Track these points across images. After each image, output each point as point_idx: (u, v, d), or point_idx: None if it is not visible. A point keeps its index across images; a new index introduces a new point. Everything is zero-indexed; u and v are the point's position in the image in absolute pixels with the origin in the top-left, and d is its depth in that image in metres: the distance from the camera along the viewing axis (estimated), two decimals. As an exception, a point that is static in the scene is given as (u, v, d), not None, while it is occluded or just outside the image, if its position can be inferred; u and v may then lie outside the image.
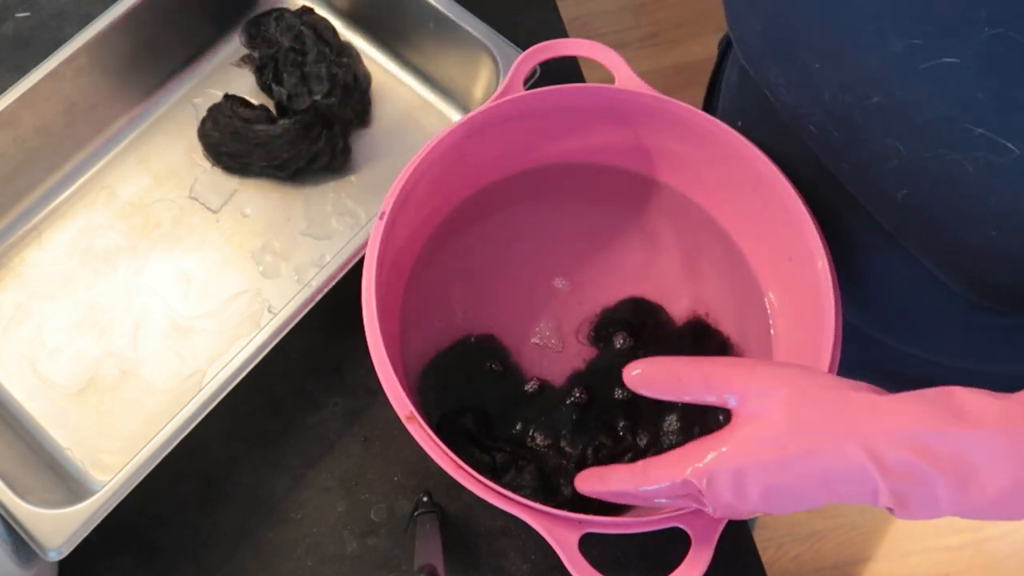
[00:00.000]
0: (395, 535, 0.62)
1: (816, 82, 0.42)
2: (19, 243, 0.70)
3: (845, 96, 0.41)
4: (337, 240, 0.71)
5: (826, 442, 0.36)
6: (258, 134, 0.69)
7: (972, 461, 0.34)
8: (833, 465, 0.36)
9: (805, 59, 0.42)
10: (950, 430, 0.34)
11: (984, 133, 0.36)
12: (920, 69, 0.37)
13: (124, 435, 0.64)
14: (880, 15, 0.38)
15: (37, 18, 0.78)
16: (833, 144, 0.44)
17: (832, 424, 0.36)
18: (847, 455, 0.35)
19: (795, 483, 0.37)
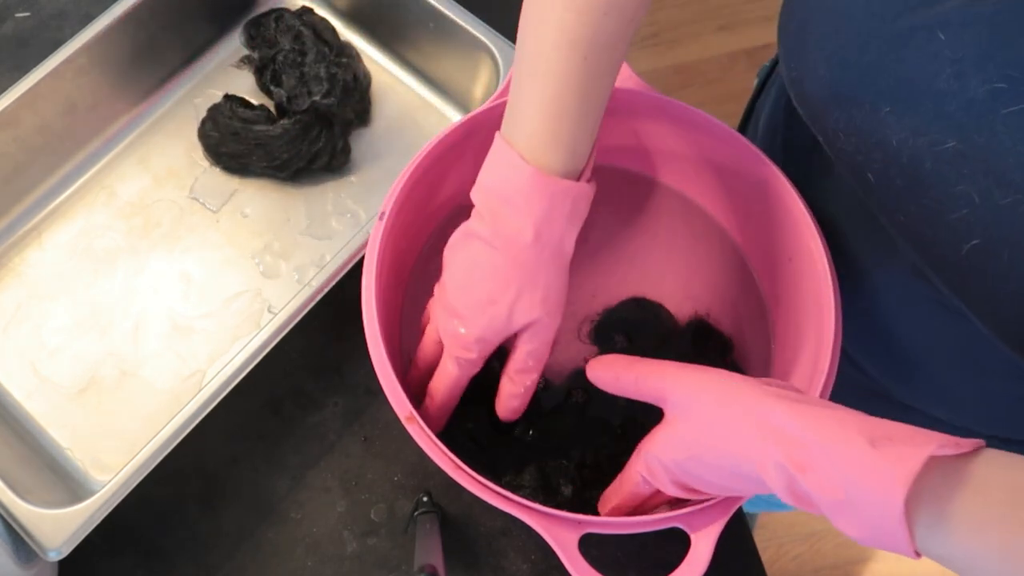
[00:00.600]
0: (395, 535, 0.62)
1: (884, 127, 0.41)
2: (19, 243, 0.70)
3: (917, 141, 0.39)
4: (337, 240, 0.71)
5: (727, 445, 0.42)
6: (258, 134, 0.69)
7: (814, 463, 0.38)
8: (731, 464, 0.42)
9: (874, 103, 0.41)
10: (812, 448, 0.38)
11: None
12: (1003, 114, 0.36)
13: (124, 435, 0.64)
14: (962, 59, 0.37)
15: (37, 18, 0.78)
16: (895, 193, 0.42)
17: (732, 429, 0.42)
18: (740, 456, 0.41)
19: (710, 475, 0.43)
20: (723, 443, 0.42)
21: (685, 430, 0.44)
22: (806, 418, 0.39)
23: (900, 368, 0.56)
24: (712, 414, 0.43)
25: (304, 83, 0.71)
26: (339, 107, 0.71)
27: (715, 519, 0.46)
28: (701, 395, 0.44)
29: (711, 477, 0.43)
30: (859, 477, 0.36)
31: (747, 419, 0.41)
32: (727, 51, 1.68)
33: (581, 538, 0.46)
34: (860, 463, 0.36)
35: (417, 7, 0.71)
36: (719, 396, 0.43)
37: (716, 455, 0.42)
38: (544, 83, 0.46)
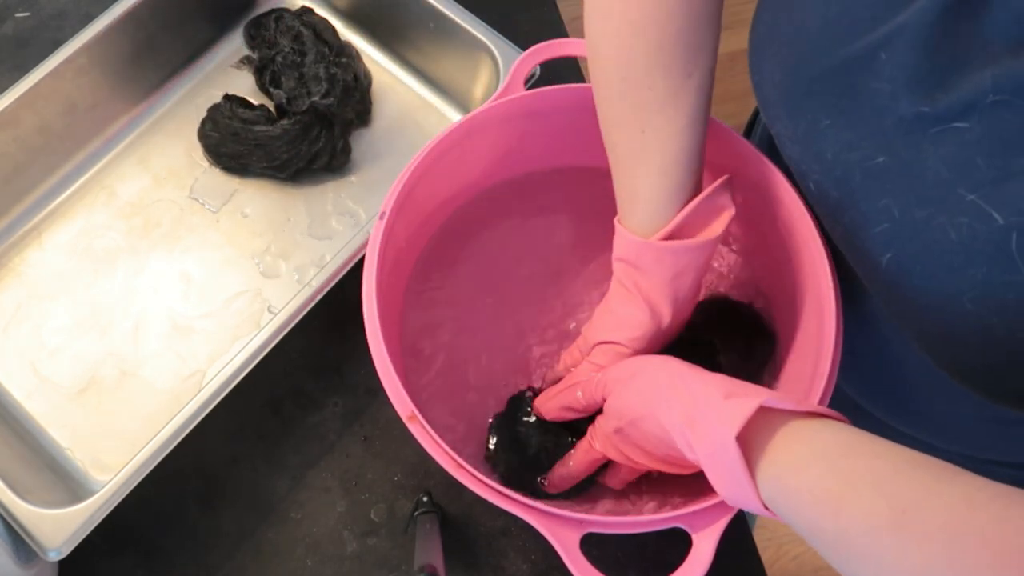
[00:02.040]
0: (395, 535, 0.62)
1: (821, 139, 0.43)
2: (19, 243, 0.70)
3: (849, 155, 0.42)
4: (337, 240, 0.71)
5: (646, 409, 0.46)
6: (257, 135, 0.69)
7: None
8: (650, 428, 0.46)
9: (816, 114, 0.43)
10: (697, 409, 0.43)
11: (975, 200, 0.36)
12: (930, 133, 0.37)
13: (124, 435, 0.63)
14: (896, 78, 0.38)
15: (37, 18, 0.78)
16: (830, 204, 0.44)
17: (648, 396, 0.47)
18: (656, 418, 0.45)
19: (642, 441, 0.48)
20: (643, 408, 0.46)
21: (616, 403, 0.49)
22: (693, 380, 0.45)
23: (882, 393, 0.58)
24: (634, 387, 0.48)
25: (303, 84, 0.71)
26: (339, 107, 0.71)
27: (717, 519, 0.46)
28: (623, 375, 0.50)
29: (642, 442, 0.48)
30: (711, 424, 0.41)
31: (657, 386, 0.46)
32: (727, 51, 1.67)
33: (582, 538, 0.46)
34: (714, 411, 0.41)
35: (417, 7, 0.71)
36: (637, 372, 0.49)
37: (641, 422, 0.47)
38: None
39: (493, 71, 0.69)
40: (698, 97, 0.50)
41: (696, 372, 0.46)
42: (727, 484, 0.41)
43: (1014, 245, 0.35)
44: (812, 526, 0.37)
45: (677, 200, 0.51)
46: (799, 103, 0.44)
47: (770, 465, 0.39)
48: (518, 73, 0.58)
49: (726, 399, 0.41)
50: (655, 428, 0.46)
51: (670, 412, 0.44)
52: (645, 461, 0.49)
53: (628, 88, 0.49)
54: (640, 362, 0.50)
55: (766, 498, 0.39)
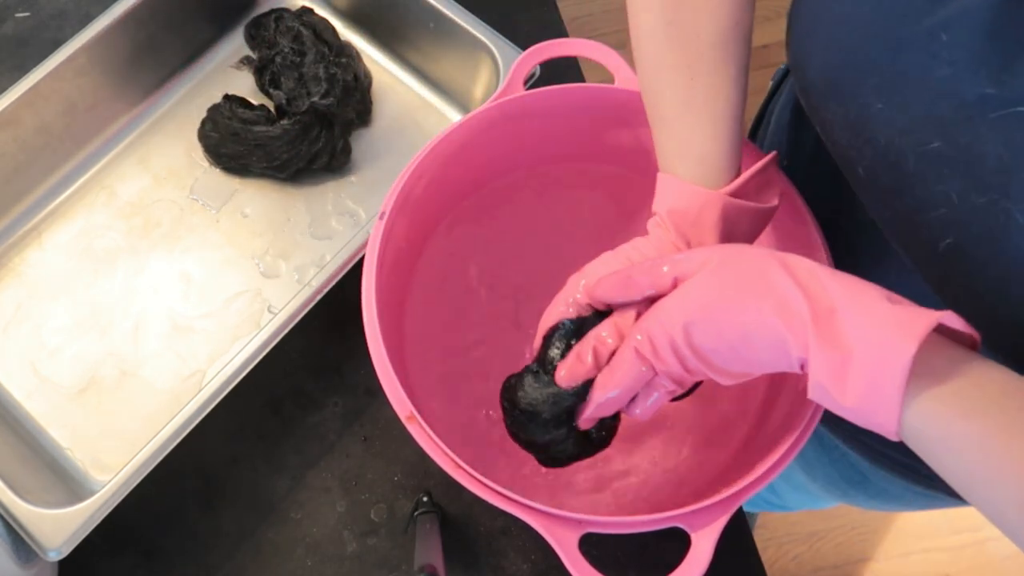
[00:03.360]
0: (395, 535, 0.62)
1: (874, 124, 0.42)
2: (19, 243, 0.70)
3: (902, 140, 0.40)
4: (337, 240, 0.71)
5: (744, 299, 0.39)
6: (257, 135, 0.69)
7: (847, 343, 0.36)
8: (750, 321, 0.39)
9: (868, 99, 0.42)
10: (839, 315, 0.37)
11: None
12: (991, 117, 0.37)
13: (124, 435, 0.64)
14: (957, 61, 0.37)
15: (37, 18, 0.78)
16: (880, 189, 0.43)
17: (750, 285, 0.39)
18: (762, 312, 0.38)
19: (719, 335, 0.40)
20: (741, 296, 0.39)
21: (697, 290, 0.41)
22: (826, 273, 0.38)
23: None
24: (729, 271, 0.41)
25: (303, 84, 0.71)
26: (339, 107, 0.71)
27: (715, 519, 0.46)
28: (715, 258, 0.42)
29: (718, 343, 0.40)
30: (873, 328, 0.35)
31: (767, 273, 0.39)
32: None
33: (581, 537, 0.46)
34: (877, 315, 0.36)
35: (417, 7, 0.71)
36: (736, 255, 0.41)
37: (732, 310, 0.40)
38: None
39: (493, 71, 0.69)
40: (743, 48, 0.48)
41: (822, 266, 0.39)
42: (858, 392, 0.36)
43: None
44: (967, 475, 0.35)
45: (730, 157, 0.48)
46: (849, 87, 0.43)
47: (933, 400, 0.35)
48: (518, 73, 0.58)
49: (891, 303, 0.36)
50: (745, 324, 0.39)
51: (781, 306, 0.38)
52: (703, 368, 0.41)
53: (675, 33, 0.47)
54: (733, 248, 0.42)
55: (910, 429, 0.35)
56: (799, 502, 1.01)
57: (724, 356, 0.41)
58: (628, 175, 0.64)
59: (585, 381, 0.45)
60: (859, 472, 0.70)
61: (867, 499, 0.75)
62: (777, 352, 0.38)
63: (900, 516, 1.41)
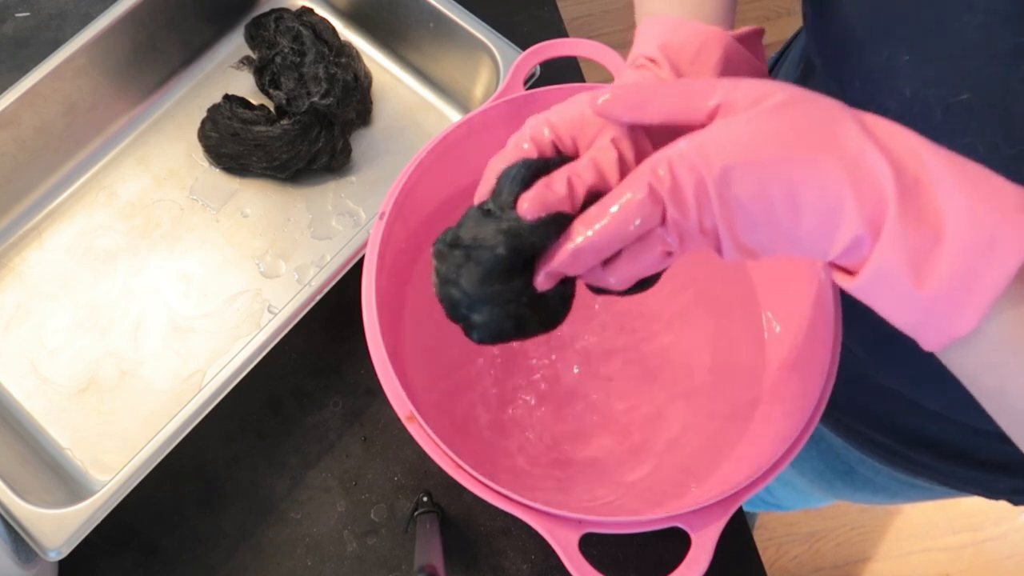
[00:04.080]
0: (395, 535, 0.62)
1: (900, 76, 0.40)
2: (19, 243, 0.70)
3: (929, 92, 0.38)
4: (337, 240, 0.71)
5: (804, 150, 0.32)
6: (257, 135, 0.69)
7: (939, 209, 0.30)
8: (805, 176, 0.31)
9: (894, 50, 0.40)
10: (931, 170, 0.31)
11: None
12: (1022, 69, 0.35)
13: (124, 435, 0.64)
14: (996, 10, 0.36)
15: (37, 18, 0.78)
16: None
17: (814, 134, 0.32)
18: (825, 171, 0.31)
19: (760, 189, 0.32)
20: (803, 148, 0.32)
21: (749, 129, 0.32)
22: (915, 138, 0.32)
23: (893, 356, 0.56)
24: (792, 114, 0.33)
25: (303, 84, 0.71)
26: (339, 107, 0.71)
27: (715, 519, 0.46)
28: (777, 94, 0.33)
29: (758, 200, 0.32)
30: (978, 206, 0.30)
31: (840, 126, 0.32)
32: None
33: (581, 538, 0.46)
34: (983, 192, 0.30)
35: (417, 7, 0.71)
36: (802, 96, 0.33)
37: (788, 162, 0.32)
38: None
39: (493, 71, 0.69)
40: None
41: (909, 130, 0.32)
42: (944, 286, 0.30)
43: None
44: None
45: (728, 6, 0.43)
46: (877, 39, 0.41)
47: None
48: (518, 73, 0.58)
49: (1000, 181, 0.30)
50: (798, 183, 0.31)
51: (854, 167, 0.31)
52: (723, 229, 0.33)
53: None
54: (796, 88, 0.34)
55: (986, 336, 0.31)
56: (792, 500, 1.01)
57: (755, 218, 0.33)
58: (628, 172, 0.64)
59: (552, 218, 0.35)
60: (845, 463, 0.70)
61: (854, 491, 0.75)
62: (826, 224, 0.32)
63: (900, 516, 1.41)
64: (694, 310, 0.62)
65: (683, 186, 0.33)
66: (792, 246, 0.33)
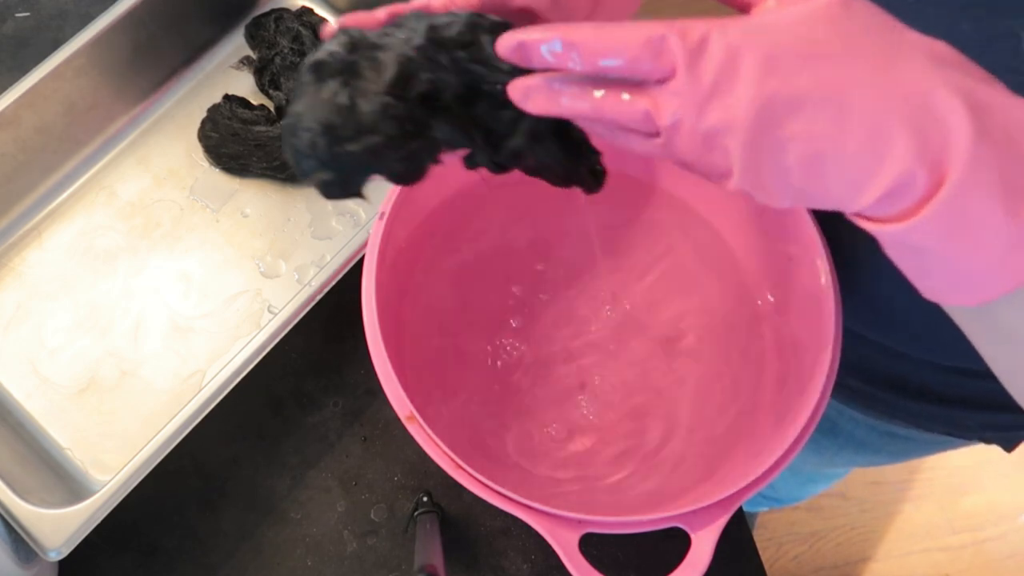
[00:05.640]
0: (395, 535, 0.62)
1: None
2: (19, 243, 0.70)
3: None
4: (337, 240, 0.71)
5: (868, 59, 0.27)
6: (257, 135, 0.69)
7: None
8: (862, 91, 0.27)
9: None
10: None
11: None
12: (910, 2, 0.36)
13: (124, 435, 0.64)
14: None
15: (37, 18, 0.78)
16: None
17: (884, 46, 0.27)
18: (891, 79, 0.27)
19: (803, 98, 0.27)
20: (855, 72, 0.27)
21: (803, 25, 0.28)
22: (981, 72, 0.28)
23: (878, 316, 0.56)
24: (851, 22, 0.28)
25: (304, 83, 0.71)
26: (339, 107, 0.71)
27: (715, 519, 0.46)
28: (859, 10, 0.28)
29: (803, 99, 0.27)
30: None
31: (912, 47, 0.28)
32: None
33: (581, 538, 0.46)
34: None
35: (417, 7, 0.71)
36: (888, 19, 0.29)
37: (848, 58, 0.27)
38: None
39: (493, 71, 0.69)
40: None
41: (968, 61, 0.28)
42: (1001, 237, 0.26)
43: None
44: None
45: None
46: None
47: None
48: (518, 73, 0.58)
49: None
50: (856, 93, 0.27)
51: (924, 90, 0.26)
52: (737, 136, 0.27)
53: None
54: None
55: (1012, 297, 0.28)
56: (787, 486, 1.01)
57: (791, 129, 0.27)
58: (629, 174, 0.64)
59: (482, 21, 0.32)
60: (827, 418, 0.71)
61: (838, 450, 0.75)
62: (874, 148, 0.27)
63: (900, 516, 1.41)
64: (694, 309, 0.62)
65: (711, 51, 0.27)
66: (821, 180, 0.28)
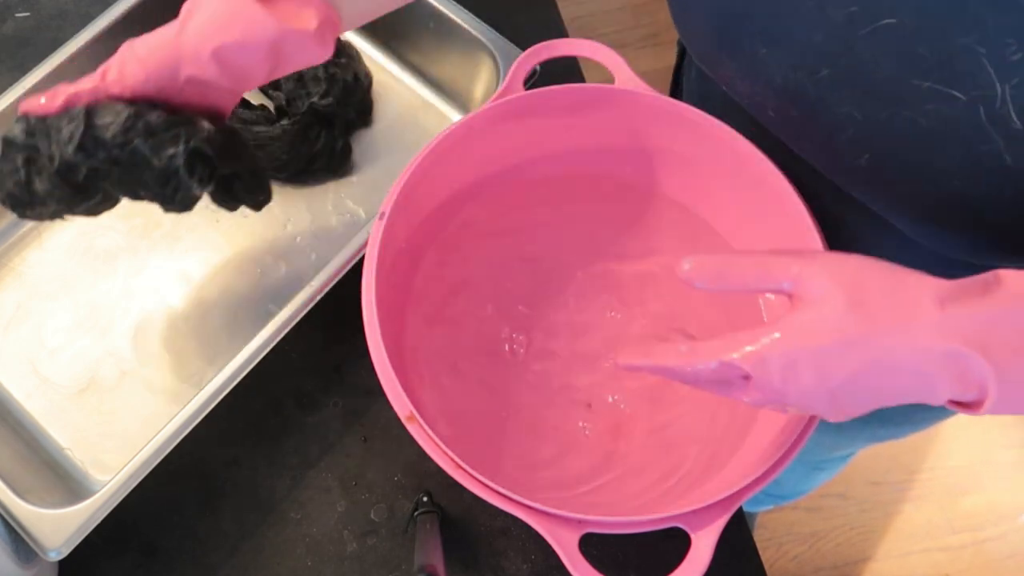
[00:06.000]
0: (395, 535, 0.62)
1: (766, 67, 0.44)
2: (19, 243, 0.70)
3: (796, 75, 0.43)
4: (337, 240, 0.71)
5: (892, 327, 0.34)
6: (257, 136, 0.69)
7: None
8: (898, 350, 0.34)
9: (753, 47, 0.44)
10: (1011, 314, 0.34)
11: (931, 86, 0.37)
12: (861, 35, 0.39)
13: (124, 435, 0.64)
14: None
15: (37, 18, 0.78)
16: (793, 124, 0.46)
17: (898, 309, 0.34)
18: (915, 339, 0.34)
19: (856, 370, 0.35)
20: (898, 327, 0.34)
21: (833, 313, 0.35)
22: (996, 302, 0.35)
23: None
24: (870, 294, 0.35)
25: (302, 84, 0.71)
26: (339, 107, 0.71)
27: (715, 519, 0.46)
28: (852, 270, 0.36)
29: (856, 371, 0.35)
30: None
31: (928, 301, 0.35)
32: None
33: (581, 538, 0.46)
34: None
35: (417, 7, 0.71)
36: (879, 272, 0.36)
37: (880, 343, 0.34)
38: None
39: (493, 71, 0.69)
40: None
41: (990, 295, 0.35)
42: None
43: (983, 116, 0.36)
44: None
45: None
46: (735, 41, 0.45)
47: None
48: (518, 73, 0.58)
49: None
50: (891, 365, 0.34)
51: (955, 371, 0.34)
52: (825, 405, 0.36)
53: None
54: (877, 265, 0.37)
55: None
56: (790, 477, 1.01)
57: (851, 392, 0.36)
58: (628, 175, 0.64)
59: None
60: None
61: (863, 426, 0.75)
62: (923, 387, 0.35)
63: (900, 516, 1.41)
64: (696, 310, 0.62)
65: (770, 366, 0.35)
66: (890, 402, 0.36)
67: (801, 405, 0.36)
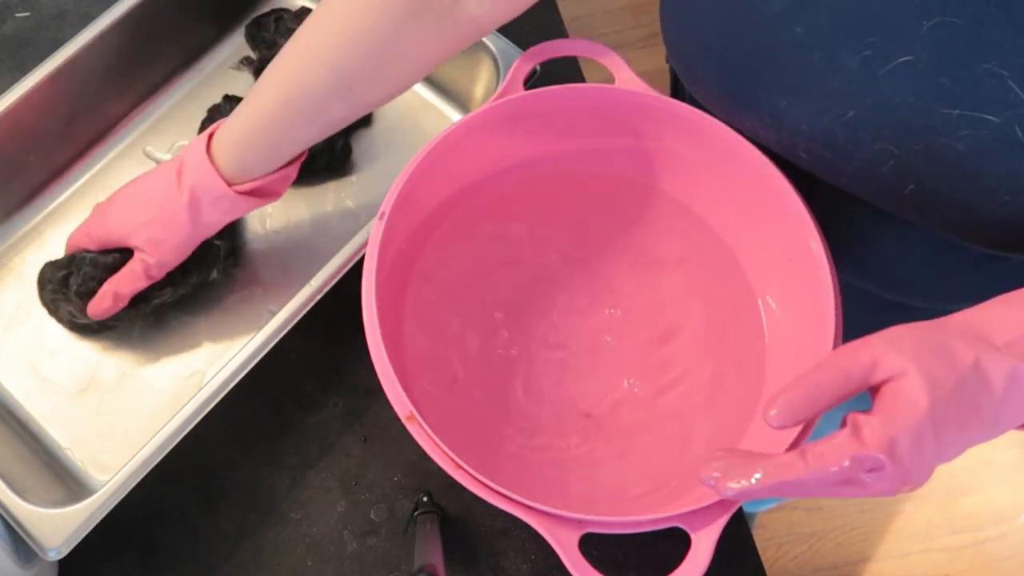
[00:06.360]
0: (395, 535, 0.62)
1: (789, 117, 0.44)
2: (19, 243, 0.70)
3: (822, 120, 0.43)
4: (337, 240, 0.70)
5: (967, 368, 0.35)
6: (258, 134, 0.69)
7: None
8: (989, 369, 0.35)
9: (771, 100, 0.44)
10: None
11: (961, 112, 0.38)
12: (880, 75, 0.39)
13: (124, 435, 0.64)
14: (827, 39, 0.40)
15: (37, 18, 0.78)
16: (827, 162, 0.45)
17: (958, 353, 0.35)
18: (995, 358, 0.35)
19: (960, 417, 0.35)
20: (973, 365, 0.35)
21: (919, 377, 0.35)
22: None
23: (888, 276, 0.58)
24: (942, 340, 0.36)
25: (304, 83, 0.71)
26: (339, 107, 0.71)
27: (715, 519, 0.46)
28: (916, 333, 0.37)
29: (960, 418, 0.36)
30: None
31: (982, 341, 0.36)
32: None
33: (581, 538, 0.46)
34: None
35: (417, 7, 0.71)
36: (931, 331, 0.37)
37: (969, 384, 0.35)
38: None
39: (493, 71, 0.69)
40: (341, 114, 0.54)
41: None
42: None
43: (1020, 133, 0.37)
44: None
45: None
46: (752, 97, 0.46)
47: None
48: (518, 73, 0.58)
49: None
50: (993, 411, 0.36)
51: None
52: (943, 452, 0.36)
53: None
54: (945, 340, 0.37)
55: None
56: None
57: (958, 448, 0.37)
58: (628, 175, 0.64)
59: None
60: None
61: None
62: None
63: (900, 516, 1.41)
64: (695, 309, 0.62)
65: (902, 450, 0.35)
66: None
67: (920, 479, 0.36)
